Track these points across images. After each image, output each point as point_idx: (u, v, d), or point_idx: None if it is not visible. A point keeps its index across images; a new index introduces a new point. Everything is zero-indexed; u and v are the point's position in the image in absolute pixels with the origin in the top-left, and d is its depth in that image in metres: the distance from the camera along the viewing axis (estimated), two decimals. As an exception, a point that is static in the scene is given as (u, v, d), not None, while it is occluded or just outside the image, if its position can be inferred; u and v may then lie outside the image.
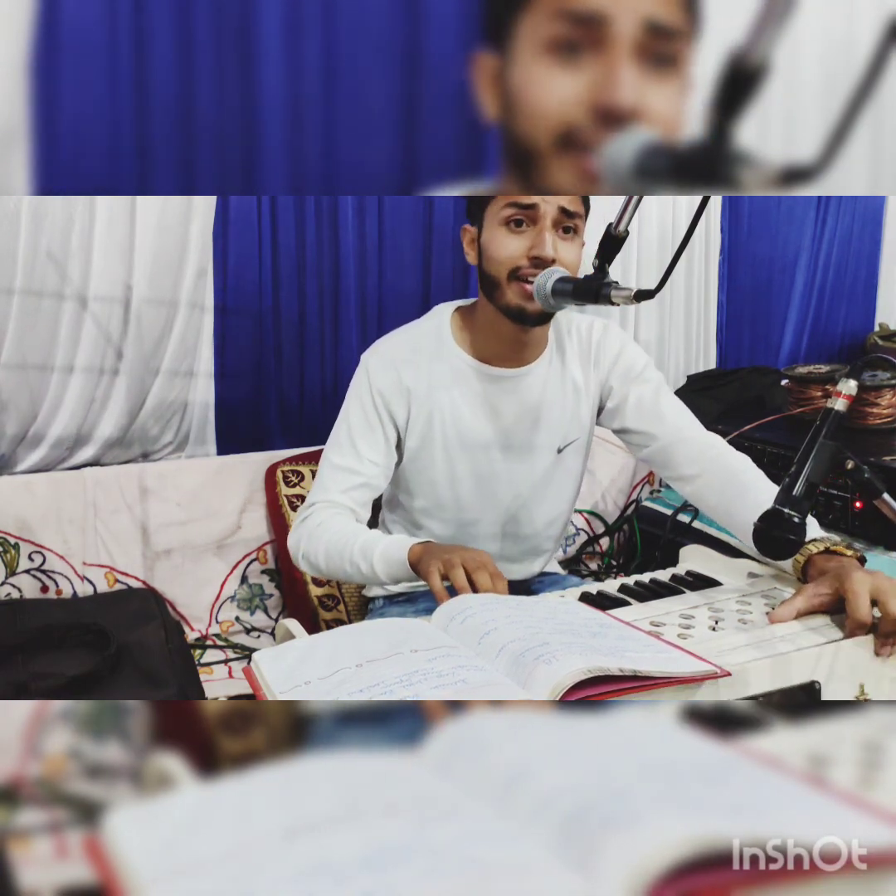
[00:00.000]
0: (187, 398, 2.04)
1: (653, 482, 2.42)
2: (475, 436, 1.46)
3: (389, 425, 1.45)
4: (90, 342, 1.89)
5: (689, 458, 1.42)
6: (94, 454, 1.97)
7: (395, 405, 1.44)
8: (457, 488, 1.49)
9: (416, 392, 1.44)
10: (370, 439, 1.43)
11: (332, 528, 1.36)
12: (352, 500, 1.41)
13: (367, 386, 1.44)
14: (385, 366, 1.44)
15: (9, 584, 1.88)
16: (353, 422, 1.44)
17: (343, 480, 1.41)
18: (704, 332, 2.58)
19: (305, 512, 1.42)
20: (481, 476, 1.49)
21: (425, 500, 1.52)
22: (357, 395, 1.46)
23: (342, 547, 1.33)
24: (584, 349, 1.50)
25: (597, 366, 1.50)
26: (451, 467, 1.48)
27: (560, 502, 1.56)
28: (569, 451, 1.51)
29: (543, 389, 1.47)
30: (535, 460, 1.50)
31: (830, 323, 2.79)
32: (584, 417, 1.51)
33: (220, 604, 2.03)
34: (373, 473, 1.43)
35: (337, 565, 1.34)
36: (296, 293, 2.09)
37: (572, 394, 1.49)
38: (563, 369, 1.49)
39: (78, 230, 1.82)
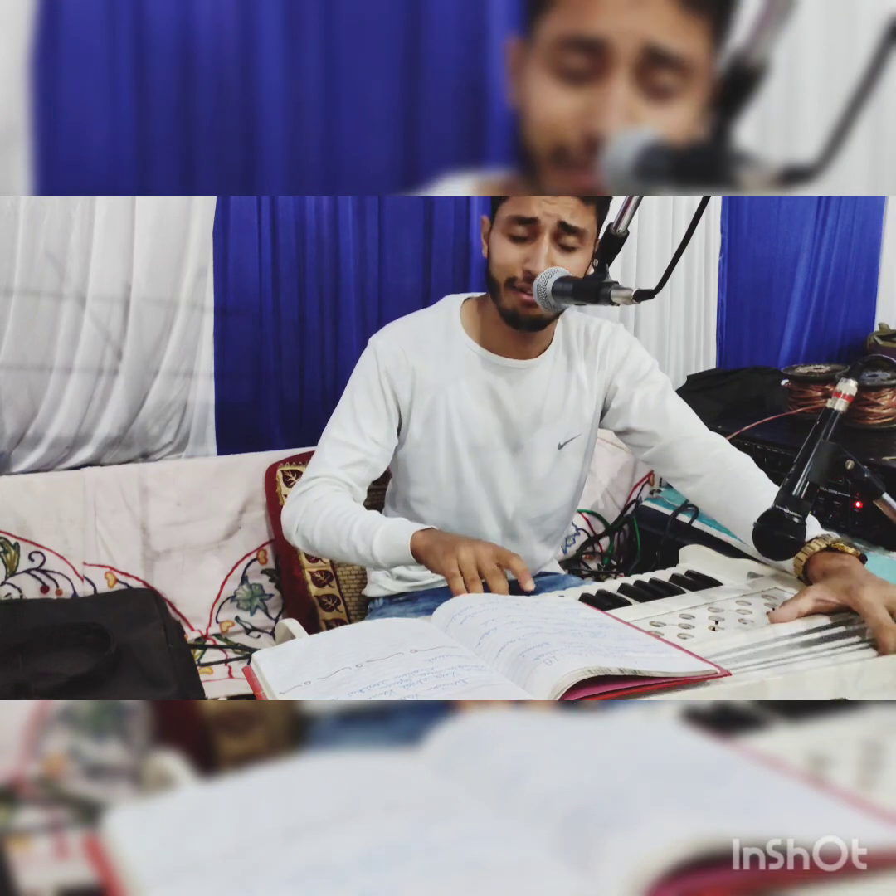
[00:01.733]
0: (187, 398, 2.04)
1: (653, 482, 2.42)
2: (479, 424, 1.47)
3: (393, 406, 1.45)
4: (89, 342, 1.89)
5: (692, 457, 1.42)
6: (93, 454, 1.97)
7: (400, 387, 1.45)
8: (458, 475, 1.49)
9: (421, 376, 1.45)
10: (373, 417, 1.44)
11: (331, 505, 1.35)
12: (351, 477, 1.41)
13: (375, 365, 1.45)
14: (393, 348, 1.45)
15: (9, 584, 1.88)
16: (357, 399, 1.45)
17: (344, 456, 1.41)
18: (704, 332, 2.58)
19: (304, 486, 1.41)
20: (482, 465, 1.49)
21: (426, 487, 1.52)
22: (363, 374, 1.46)
23: (340, 525, 1.32)
24: (591, 350, 1.51)
25: (602, 366, 1.50)
26: (454, 454, 1.48)
27: (560, 498, 1.56)
28: (569, 448, 1.52)
29: (547, 384, 1.48)
30: (535, 454, 1.50)
31: (830, 323, 2.79)
32: (586, 415, 1.51)
33: (220, 604, 2.03)
34: (373, 452, 1.43)
35: (333, 543, 1.33)
36: (296, 293, 2.09)
37: (576, 391, 1.50)
38: (569, 367, 1.50)
39: (77, 230, 1.82)
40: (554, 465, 1.52)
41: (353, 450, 1.42)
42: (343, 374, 2.14)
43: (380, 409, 1.44)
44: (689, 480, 1.43)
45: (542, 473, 1.52)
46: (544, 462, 1.51)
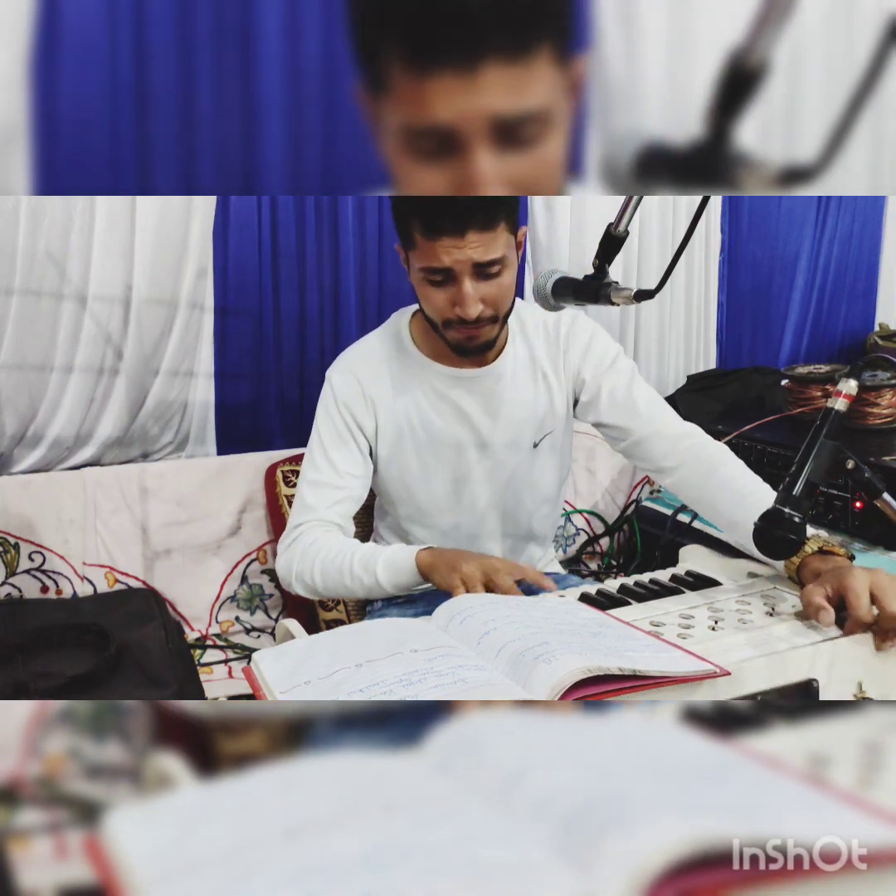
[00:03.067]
0: (187, 398, 2.04)
1: (653, 482, 2.42)
2: (446, 438, 1.46)
3: (360, 436, 1.45)
4: (90, 342, 1.89)
5: (665, 450, 1.41)
6: (93, 454, 1.97)
7: (362, 416, 1.45)
8: (434, 492, 1.49)
9: (380, 401, 1.45)
10: (344, 452, 1.44)
11: (326, 546, 1.36)
12: (337, 516, 1.41)
13: (333, 400, 1.45)
14: (347, 378, 1.45)
15: (9, 584, 1.88)
16: (324, 438, 1.45)
17: (326, 497, 1.41)
18: (704, 332, 2.58)
19: (292, 534, 1.41)
20: (457, 478, 1.49)
21: (406, 507, 1.52)
22: (325, 411, 1.46)
23: (340, 562, 1.33)
24: (553, 340, 1.48)
25: (566, 355, 1.48)
26: (426, 471, 1.48)
27: (542, 496, 1.55)
28: (545, 445, 1.51)
29: (511, 384, 1.47)
30: (510, 457, 1.49)
31: (830, 323, 2.79)
32: (558, 408, 1.50)
33: (220, 604, 2.03)
34: (353, 486, 1.43)
35: (335, 580, 1.34)
36: (296, 293, 2.09)
37: (543, 385, 1.48)
38: (532, 362, 1.48)
39: (77, 230, 1.82)
40: (531, 464, 1.51)
41: (333, 489, 1.42)
42: (343, 375, 2.14)
43: (348, 442, 1.44)
44: (665, 473, 1.42)
45: (520, 474, 1.51)
46: (520, 463, 1.50)
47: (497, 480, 1.50)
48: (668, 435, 1.42)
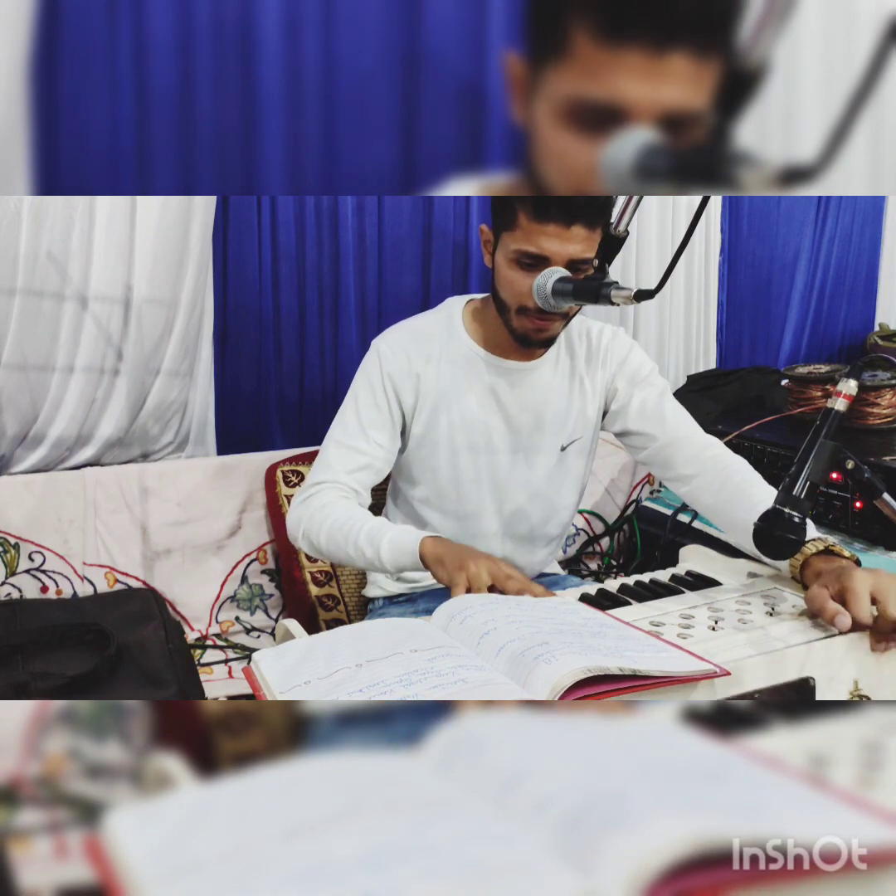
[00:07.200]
0: (187, 398, 2.04)
1: (653, 482, 2.42)
2: (480, 425, 1.47)
3: (397, 409, 1.46)
4: (90, 342, 1.89)
5: (688, 458, 1.43)
6: (94, 454, 1.97)
7: (404, 390, 1.45)
8: (459, 476, 1.49)
9: (424, 378, 1.45)
10: (378, 421, 1.44)
11: (338, 510, 1.36)
12: (356, 482, 1.41)
13: (378, 369, 1.45)
14: (396, 351, 1.46)
15: (9, 584, 1.88)
16: (361, 402, 1.45)
17: (349, 460, 1.41)
18: (704, 332, 2.58)
19: (309, 490, 1.41)
20: (483, 467, 1.49)
21: (426, 488, 1.52)
22: (367, 377, 1.46)
23: (347, 530, 1.32)
24: (594, 352, 1.51)
25: (604, 368, 1.51)
26: (454, 455, 1.48)
27: (562, 501, 1.56)
28: (572, 450, 1.52)
29: (550, 386, 1.49)
30: (537, 456, 1.50)
31: (830, 323, 2.79)
32: (590, 417, 1.52)
33: (220, 604, 2.03)
34: (378, 455, 1.43)
35: (339, 547, 1.34)
36: (296, 293, 2.09)
37: (579, 393, 1.50)
38: (572, 369, 1.51)
39: (78, 230, 1.81)
40: (557, 467, 1.52)
41: (358, 454, 1.42)
42: (343, 374, 2.14)
43: (384, 413, 1.45)
44: (683, 481, 1.43)
45: (544, 475, 1.52)
46: (546, 464, 1.51)
47: (521, 477, 1.51)
48: (692, 443, 1.44)
